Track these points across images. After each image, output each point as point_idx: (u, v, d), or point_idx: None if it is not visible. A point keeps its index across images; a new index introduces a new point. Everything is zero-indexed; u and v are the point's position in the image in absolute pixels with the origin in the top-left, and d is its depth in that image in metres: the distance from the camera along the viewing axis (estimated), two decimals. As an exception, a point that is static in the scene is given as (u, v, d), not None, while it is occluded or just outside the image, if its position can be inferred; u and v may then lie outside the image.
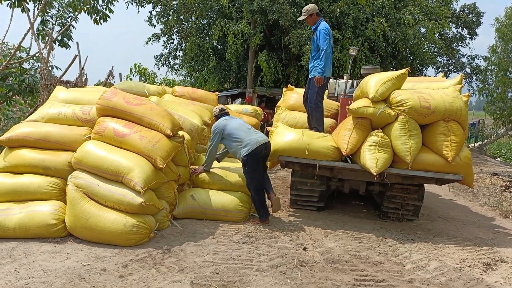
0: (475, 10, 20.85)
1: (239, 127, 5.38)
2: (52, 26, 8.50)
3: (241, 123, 5.49)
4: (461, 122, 5.22)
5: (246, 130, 5.36)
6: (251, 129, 5.44)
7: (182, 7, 17.10)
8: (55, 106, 5.20)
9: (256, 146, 5.17)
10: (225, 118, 5.58)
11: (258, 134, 5.37)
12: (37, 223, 4.19)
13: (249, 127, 5.46)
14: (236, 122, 5.47)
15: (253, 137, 5.25)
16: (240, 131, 5.32)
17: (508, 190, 9.35)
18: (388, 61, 16.55)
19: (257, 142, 5.19)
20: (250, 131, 5.36)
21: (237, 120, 5.60)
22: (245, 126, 5.45)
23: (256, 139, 5.24)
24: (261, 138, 5.31)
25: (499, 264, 4.40)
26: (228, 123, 5.43)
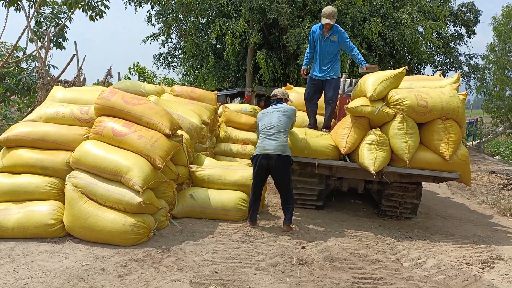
0: (473, 9, 20.87)
1: (264, 127, 5.08)
2: (46, 27, 8.49)
3: (269, 124, 5.06)
4: (458, 120, 5.24)
5: (266, 132, 5.03)
6: (273, 132, 4.98)
7: (180, 7, 17.09)
8: (53, 106, 5.19)
9: (259, 153, 4.97)
10: (268, 110, 5.28)
11: (270, 141, 4.96)
12: (35, 223, 4.19)
13: (272, 130, 5.00)
14: (267, 120, 5.10)
15: (263, 144, 4.99)
16: (262, 131, 5.10)
17: (506, 188, 9.38)
18: (386, 60, 16.59)
19: (262, 149, 4.96)
20: (268, 134, 5.00)
21: (271, 117, 5.12)
22: (270, 127, 5.02)
23: (264, 146, 4.96)
24: (269, 146, 4.93)
25: (496, 261, 4.42)
26: (262, 118, 5.20)
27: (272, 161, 4.89)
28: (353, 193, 6.75)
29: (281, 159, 4.91)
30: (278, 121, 5.02)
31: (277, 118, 5.05)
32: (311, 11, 15.68)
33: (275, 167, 4.92)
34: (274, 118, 5.06)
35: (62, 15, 8.74)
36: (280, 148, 4.91)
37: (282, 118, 5.06)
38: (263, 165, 4.94)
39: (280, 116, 5.07)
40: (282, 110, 5.15)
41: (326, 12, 5.84)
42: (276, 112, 5.12)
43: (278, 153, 4.89)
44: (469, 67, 20.45)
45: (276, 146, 4.90)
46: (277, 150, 4.89)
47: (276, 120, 5.04)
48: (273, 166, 4.91)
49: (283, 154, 4.91)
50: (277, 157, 4.88)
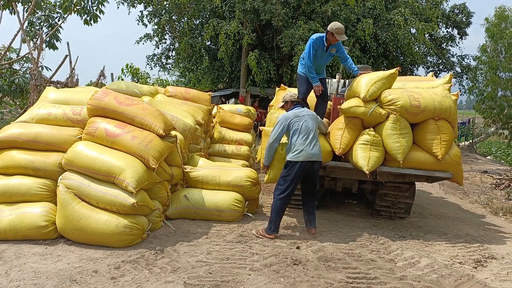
0: (465, 10, 21.02)
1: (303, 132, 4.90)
2: (39, 27, 8.44)
3: (306, 129, 4.92)
4: (451, 120, 5.28)
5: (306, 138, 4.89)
6: (312, 138, 4.92)
7: (174, 7, 17.07)
8: (45, 107, 5.16)
9: (304, 160, 4.82)
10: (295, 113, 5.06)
11: (312, 147, 4.87)
12: (27, 225, 4.16)
13: (311, 136, 4.91)
14: (304, 125, 4.94)
15: (306, 149, 4.83)
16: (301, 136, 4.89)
17: (498, 188, 9.45)
18: (379, 61, 16.69)
19: (306, 156, 4.82)
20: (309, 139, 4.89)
21: (307, 122, 4.98)
22: (309, 133, 4.92)
23: (307, 153, 4.83)
24: (313, 153, 4.86)
25: (489, 260, 4.45)
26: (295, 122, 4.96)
27: (315, 166, 4.91)
28: (347, 193, 6.77)
29: (320, 164, 5.02)
30: (313, 127, 4.99)
31: (312, 123, 5.00)
32: (305, 12, 15.73)
33: (315, 172, 4.96)
34: (310, 124, 4.98)
35: (56, 15, 8.69)
36: (320, 154, 4.97)
37: (315, 124, 5.06)
38: (305, 171, 4.87)
39: (313, 121, 5.04)
40: (312, 115, 5.12)
41: (340, 29, 5.72)
42: (308, 116, 5.04)
43: (320, 159, 4.96)
44: (461, 68, 20.60)
45: (318, 152, 4.93)
46: (319, 156, 4.94)
47: (312, 125, 4.99)
48: (314, 171, 4.93)
49: (320, 159, 4.99)
50: (319, 163, 4.97)
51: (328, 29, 5.74)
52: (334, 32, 5.64)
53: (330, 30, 5.69)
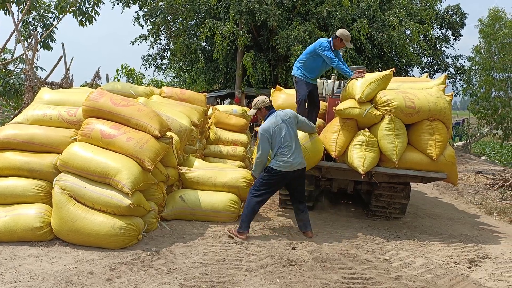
0: (459, 11, 21.15)
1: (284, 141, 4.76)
2: (34, 28, 8.41)
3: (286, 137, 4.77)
4: (445, 121, 5.31)
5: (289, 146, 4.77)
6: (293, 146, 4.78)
7: (169, 8, 17.05)
8: (40, 108, 5.14)
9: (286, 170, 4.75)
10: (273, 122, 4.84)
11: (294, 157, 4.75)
12: (22, 227, 4.14)
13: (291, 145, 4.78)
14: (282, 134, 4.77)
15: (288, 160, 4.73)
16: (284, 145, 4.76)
17: (492, 188, 9.51)
18: (374, 62, 16.75)
19: (290, 166, 4.74)
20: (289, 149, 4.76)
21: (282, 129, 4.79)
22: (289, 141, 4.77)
23: (290, 164, 4.73)
24: (295, 163, 4.76)
25: (483, 260, 4.48)
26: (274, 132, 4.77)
27: (298, 173, 4.86)
28: (343, 194, 6.79)
29: (303, 171, 4.93)
30: (295, 132, 4.88)
31: (293, 129, 4.86)
32: (300, 13, 15.76)
33: (299, 178, 4.93)
34: (291, 130, 4.84)
35: (50, 15, 8.66)
36: (303, 161, 4.88)
37: (295, 127, 4.92)
38: (287, 179, 4.87)
39: (293, 126, 4.88)
40: (290, 118, 4.89)
41: (349, 36, 5.83)
42: (288, 121, 4.85)
43: (303, 166, 4.88)
44: (455, 69, 20.73)
45: (301, 159, 4.84)
46: (303, 164, 4.86)
47: (293, 131, 4.86)
48: (297, 178, 4.90)
49: (304, 166, 4.92)
50: (302, 170, 4.89)
51: (338, 35, 5.79)
52: (343, 38, 5.74)
53: (340, 35, 5.76)
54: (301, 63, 6.04)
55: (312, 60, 5.92)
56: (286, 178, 4.85)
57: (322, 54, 5.76)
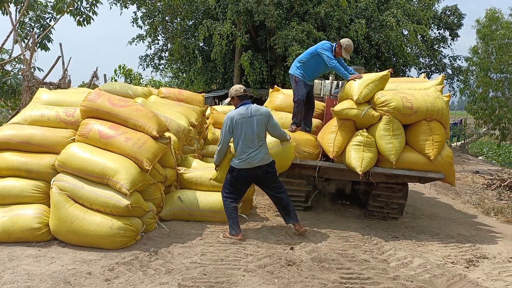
0: (457, 12, 21.20)
1: (248, 136, 4.66)
2: (31, 28, 8.40)
3: (253, 133, 4.67)
4: (443, 121, 5.33)
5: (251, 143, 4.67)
6: (257, 143, 4.68)
7: (167, 8, 17.03)
8: (38, 108, 5.13)
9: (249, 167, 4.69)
10: (241, 113, 4.73)
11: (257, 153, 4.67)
12: (20, 227, 4.14)
13: (256, 140, 4.68)
14: (250, 130, 4.67)
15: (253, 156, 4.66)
16: (244, 141, 4.66)
17: (490, 188, 9.53)
18: (372, 62, 16.76)
19: (249, 163, 4.67)
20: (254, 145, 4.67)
21: (250, 124, 4.68)
22: (253, 138, 4.67)
23: (250, 160, 4.66)
24: (258, 160, 4.67)
25: (481, 260, 4.49)
26: (243, 124, 4.67)
27: (262, 170, 4.73)
28: (341, 194, 6.80)
29: (267, 167, 4.77)
30: (259, 129, 4.70)
31: (257, 126, 4.69)
32: (298, 13, 15.77)
33: (266, 175, 4.79)
34: (255, 126, 4.68)
35: (47, 15, 8.65)
36: (266, 157, 4.76)
37: (262, 125, 4.74)
38: (252, 177, 4.79)
39: (260, 123, 4.71)
40: (260, 114, 4.73)
41: (351, 47, 5.87)
42: (255, 117, 4.70)
43: (266, 162, 4.75)
44: (452, 69, 20.77)
45: (264, 155, 4.71)
46: (266, 160, 4.73)
47: (258, 128, 4.69)
48: (263, 175, 4.78)
49: (268, 162, 4.78)
50: (266, 166, 4.75)
51: (341, 42, 5.83)
52: (343, 46, 5.80)
53: (342, 44, 5.81)
54: (300, 63, 6.05)
55: (313, 60, 5.95)
56: (250, 175, 4.75)
57: (322, 53, 5.79)
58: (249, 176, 4.79)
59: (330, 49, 5.82)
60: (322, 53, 5.78)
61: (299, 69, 6.02)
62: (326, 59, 5.77)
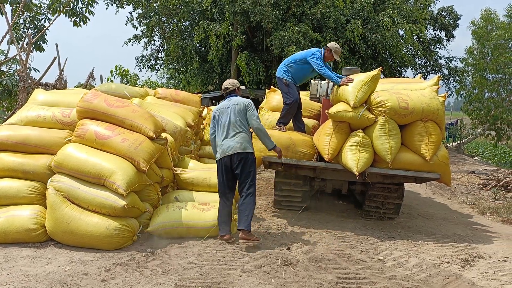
0: (452, 13, 21.27)
1: (222, 126, 4.75)
2: (25, 29, 8.38)
3: (227, 122, 4.72)
4: (438, 122, 5.36)
5: (225, 132, 4.72)
6: (230, 132, 4.70)
7: (163, 9, 17.02)
8: (34, 109, 5.12)
9: (222, 156, 4.70)
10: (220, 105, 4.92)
11: (229, 142, 4.67)
12: (16, 228, 4.13)
13: (229, 130, 4.71)
14: (224, 119, 4.76)
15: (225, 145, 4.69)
16: (220, 131, 4.77)
17: (485, 188, 9.58)
18: (368, 63, 16.80)
19: (222, 152, 4.70)
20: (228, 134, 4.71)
21: (227, 114, 4.76)
22: (228, 127, 4.71)
23: (224, 149, 4.68)
24: (229, 148, 4.65)
25: (476, 260, 4.51)
26: (219, 116, 4.82)
27: (233, 159, 4.64)
28: (337, 194, 6.82)
29: (240, 156, 4.63)
30: (234, 119, 4.70)
31: (234, 116, 4.71)
32: (294, 14, 15.80)
33: (237, 165, 4.64)
34: (231, 116, 4.72)
35: (41, 16, 8.63)
36: (238, 146, 4.64)
37: (238, 115, 4.72)
38: (228, 167, 4.68)
39: (236, 113, 4.72)
40: (237, 104, 4.76)
41: (339, 49, 6.03)
42: (232, 107, 4.76)
43: (238, 151, 4.62)
44: (448, 70, 20.83)
45: (235, 144, 4.63)
46: (237, 148, 4.62)
47: (233, 118, 4.71)
48: (235, 164, 4.65)
49: (242, 151, 4.64)
50: (237, 155, 4.62)
51: (328, 46, 5.98)
52: (333, 50, 5.96)
53: (330, 47, 5.99)
54: (288, 67, 6.18)
55: (300, 67, 6.11)
56: (227, 165, 4.65)
57: (312, 61, 5.92)
58: (226, 166, 4.66)
59: (320, 57, 5.95)
60: (312, 61, 5.91)
61: (288, 73, 6.15)
62: (316, 67, 5.91)
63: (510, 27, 16.66)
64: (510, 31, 16.55)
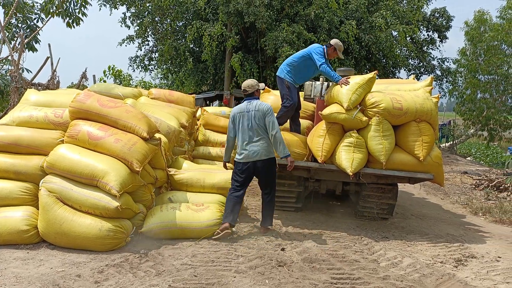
0: (445, 14, 21.42)
1: (244, 130, 4.89)
2: (17, 30, 8.31)
3: (250, 126, 4.86)
4: (432, 122, 5.38)
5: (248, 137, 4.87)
6: (254, 137, 4.86)
7: (157, 9, 16.96)
8: (26, 109, 5.08)
9: (247, 161, 4.90)
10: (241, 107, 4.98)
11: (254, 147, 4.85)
12: (8, 230, 4.09)
13: (254, 134, 4.86)
14: (246, 123, 4.88)
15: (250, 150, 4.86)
16: (242, 135, 4.91)
17: (478, 188, 9.65)
18: (362, 64, 16.86)
19: (247, 157, 4.88)
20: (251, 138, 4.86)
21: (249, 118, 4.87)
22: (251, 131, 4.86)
23: (247, 153, 4.87)
24: (255, 154, 4.85)
25: (469, 260, 4.54)
26: (239, 118, 4.93)
27: (258, 165, 4.89)
28: (331, 195, 6.83)
29: (264, 162, 4.91)
30: (256, 124, 4.85)
31: (255, 121, 4.85)
32: (288, 15, 15.82)
33: (262, 170, 4.93)
34: (253, 121, 4.85)
35: (34, 16, 8.56)
36: (263, 152, 4.88)
37: (260, 120, 4.85)
38: (251, 171, 4.93)
39: (257, 118, 4.85)
40: (257, 110, 4.87)
41: (342, 47, 5.98)
42: (253, 112, 4.87)
43: (263, 157, 4.88)
44: (441, 71, 20.96)
45: (260, 150, 4.85)
46: (262, 155, 4.87)
47: (255, 123, 4.85)
48: (260, 170, 4.92)
49: (267, 157, 4.91)
50: (262, 162, 4.88)
51: (332, 43, 5.87)
52: (337, 48, 5.86)
53: (334, 45, 5.87)
54: (290, 67, 5.91)
55: (303, 65, 5.86)
56: (249, 169, 4.90)
57: (314, 56, 5.75)
58: (248, 169, 4.91)
59: (322, 52, 5.81)
60: (314, 56, 5.76)
61: (290, 74, 5.90)
62: (316, 61, 5.72)
63: (502, 28, 16.80)
64: (502, 32, 16.70)
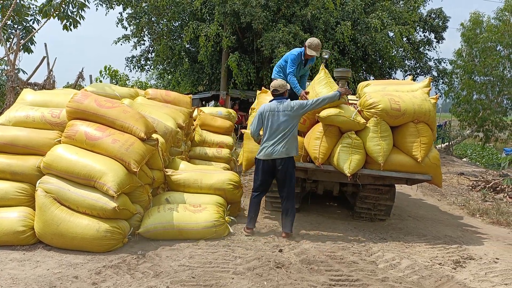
0: (442, 15, 21.52)
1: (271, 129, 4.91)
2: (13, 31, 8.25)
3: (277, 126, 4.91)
4: (430, 123, 5.38)
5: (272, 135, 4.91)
6: (279, 136, 4.89)
7: (153, 9, 16.94)
8: (23, 109, 5.04)
9: (266, 159, 4.93)
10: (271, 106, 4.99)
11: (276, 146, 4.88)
12: (4, 230, 4.05)
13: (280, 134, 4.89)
14: (275, 123, 4.91)
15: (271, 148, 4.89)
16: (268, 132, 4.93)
17: (475, 190, 9.68)
18: (358, 64, 16.92)
19: (267, 155, 4.91)
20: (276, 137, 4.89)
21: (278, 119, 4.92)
22: (277, 131, 4.90)
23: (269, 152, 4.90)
24: (274, 152, 4.88)
25: (468, 261, 4.54)
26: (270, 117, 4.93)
27: (277, 163, 4.92)
28: (329, 196, 6.83)
29: (284, 161, 4.92)
30: (285, 125, 4.90)
31: (285, 122, 4.90)
32: (285, 15, 15.85)
33: (280, 170, 4.94)
34: (282, 121, 4.89)
35: (30, 17, 8.51)
36: (285, 151, 4.90)
37: (289, 122, 4.91)
38: (270, 169, 4.97)
39: (287, 119, 4.91)
40: (288, 111, 4.92)
41: (313, 44, 5.87)
42: (284, 112, 4.92)
43: (283, 156, 4.90)
44: (437, 72, 21.07)
45: (282, 149, 4.88)
46: (283, 154, 4.89)
47: (284, 124, 4.90)
48: (278, 169, 4.95)
49: (286, 156, 4.92)
50: (281, 160, 4.91)
51: (305, 43, 5.93)
52: (308, 45, 5.90)
53: (306, 43, 5.97)
54: (279, 68, 6.24)
55: None
56: (269, 166, 4.96)
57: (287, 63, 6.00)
58: (268, 167, 4.96)
59: (294, 59, 5.96)
60: (288, 62, 5.99)
61: (280, 73, 6.22)
62: (287, 69, 5.99)
63: (498, 30, 16.89)
64: (498, 34, 16.79)
